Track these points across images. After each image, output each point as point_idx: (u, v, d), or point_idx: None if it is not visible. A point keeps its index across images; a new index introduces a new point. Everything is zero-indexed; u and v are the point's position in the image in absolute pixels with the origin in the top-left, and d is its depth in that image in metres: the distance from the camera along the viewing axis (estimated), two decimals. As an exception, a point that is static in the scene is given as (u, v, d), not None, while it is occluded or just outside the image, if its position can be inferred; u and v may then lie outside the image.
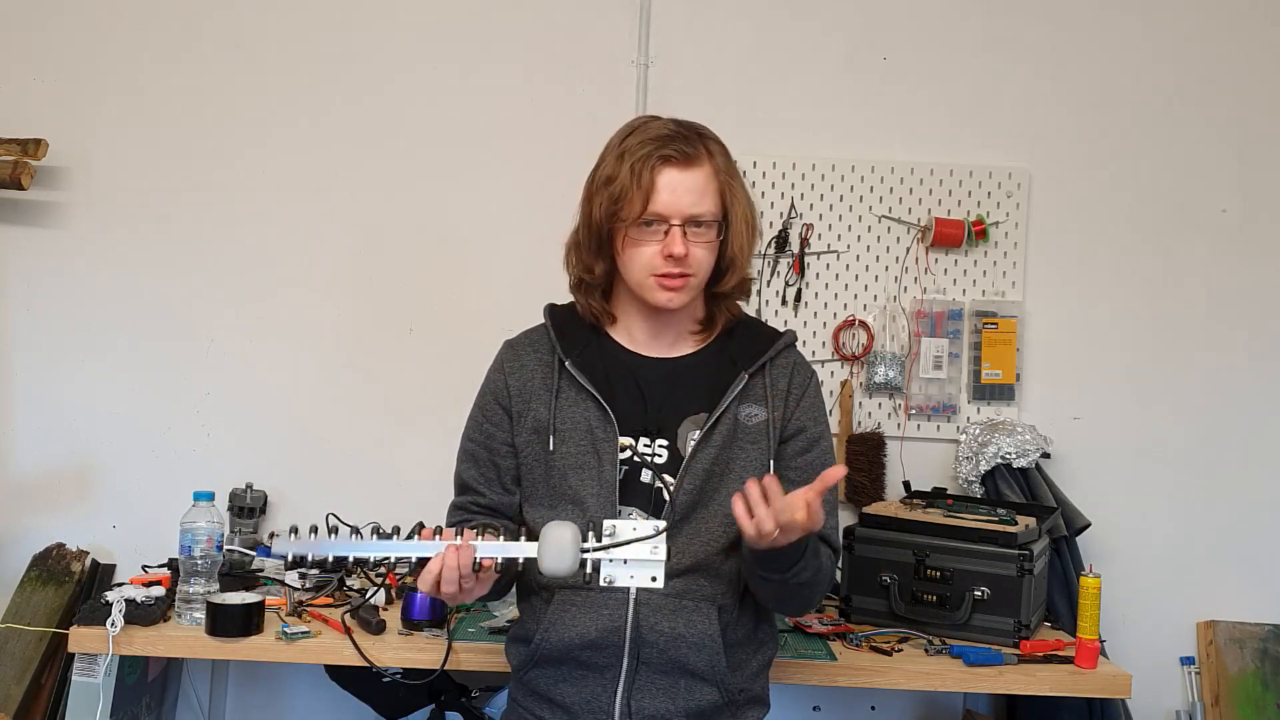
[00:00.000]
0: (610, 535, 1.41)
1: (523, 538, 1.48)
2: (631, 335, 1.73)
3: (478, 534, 1.47)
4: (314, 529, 1.47)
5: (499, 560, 1.45)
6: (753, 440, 1.67)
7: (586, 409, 1.67)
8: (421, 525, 1.49)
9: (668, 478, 1.63)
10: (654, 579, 1.42)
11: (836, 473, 1.50)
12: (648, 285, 1.63)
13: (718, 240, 1.64)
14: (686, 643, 1.62)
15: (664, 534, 1.41)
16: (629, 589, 1.59)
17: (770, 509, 1.45)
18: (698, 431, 1.65)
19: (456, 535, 1.47)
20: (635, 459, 1.65)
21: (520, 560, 1.45)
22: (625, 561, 1.41)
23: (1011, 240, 2.79)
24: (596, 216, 1.63)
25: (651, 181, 1.58)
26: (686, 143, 1.61)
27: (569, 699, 1.65)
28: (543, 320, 1.76)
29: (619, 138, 1.65)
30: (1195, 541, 2.78)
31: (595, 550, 1.40)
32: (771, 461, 1.66)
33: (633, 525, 1.42)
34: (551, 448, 1.66)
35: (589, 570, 1.42)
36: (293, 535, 1.46)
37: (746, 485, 1.48)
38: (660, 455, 1.65)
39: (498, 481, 1.73)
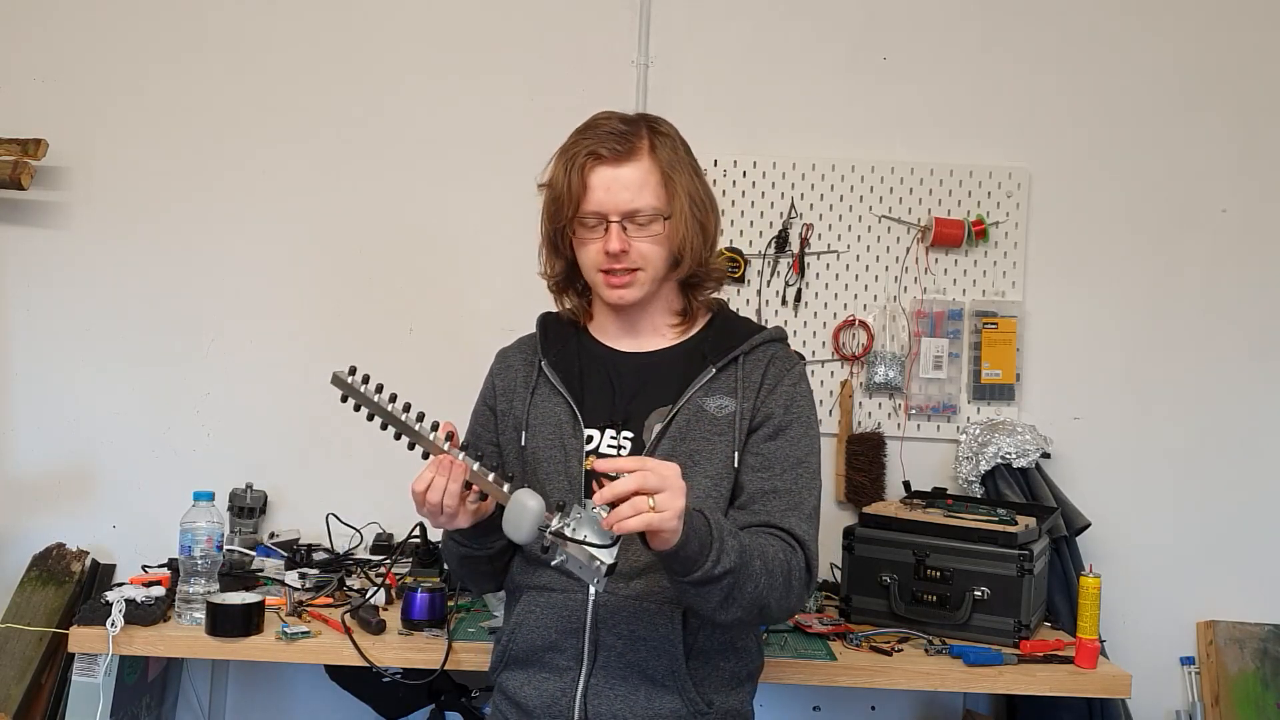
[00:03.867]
0: (578, 519, 1.41)
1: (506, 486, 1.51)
2: (606, 331, 1.75)
3: (479, 459, 1.51)
4: (366, 378, 1.56)
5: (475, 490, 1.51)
6: (719, 432, 1.64)
7: (557, 405, 1.69)
8: (437, 423, 1.53)
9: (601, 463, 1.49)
10: (600, 565, 1.40)
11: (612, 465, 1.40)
12: (598, 282, 1.67)
13: (665, 233, 1.63)
14: (646, 646, 1.60)
15: (618, 543, 1.40)
16: (590, 590, 1.60)
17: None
18: (660, 423, 1.64)
19: (462, 453, 1.50)
20: (599, 452, 1.65)
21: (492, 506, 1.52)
22: (582, 541, 1.42)
23: (1011, 240, 2.79)
24: (545, 217, 1.69)
25: (583, 181, 1.61)
26: (622, 139, 1.62)
27: (532, 702, 1.64)
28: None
29: (569, 137, 1.67)
30: (1195, 541, 2.78)
31: (553, 534, 1.41)
32: (737, 454, 1.64)
33: (601, 511, 1.42)
34: (524, 442, 1.69)
35: (546, 544, 1.42)
36: (351, 377, 1.56)
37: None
38: (625, 447, 1.65)
39: None
